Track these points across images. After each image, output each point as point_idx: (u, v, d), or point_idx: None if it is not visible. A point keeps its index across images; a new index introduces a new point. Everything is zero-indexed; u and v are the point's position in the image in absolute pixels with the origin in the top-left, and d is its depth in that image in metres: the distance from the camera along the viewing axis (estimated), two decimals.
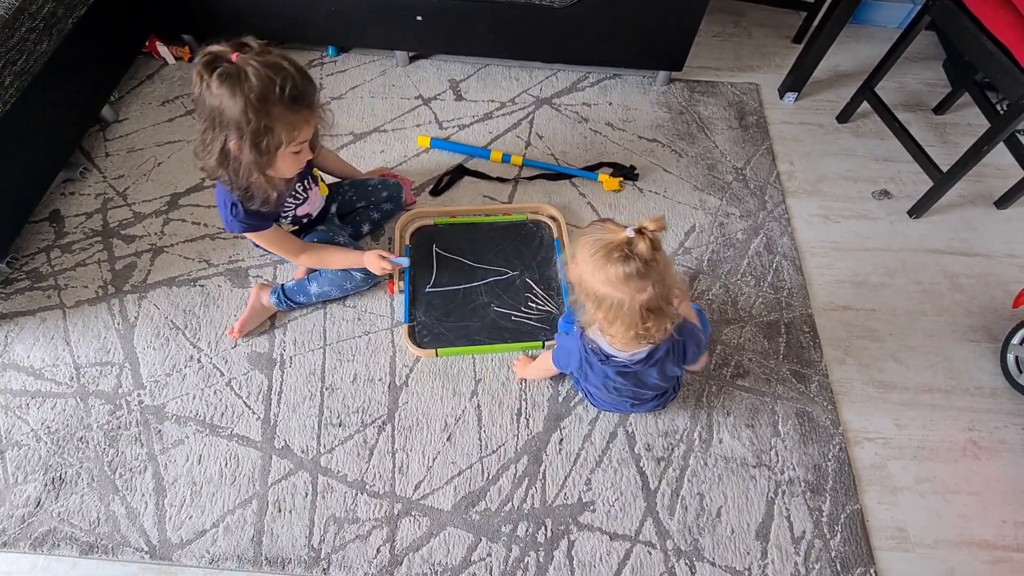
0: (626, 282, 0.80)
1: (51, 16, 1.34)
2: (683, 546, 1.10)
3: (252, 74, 0.87)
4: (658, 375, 1.01)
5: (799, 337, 1.35)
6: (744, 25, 2.05)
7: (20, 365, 1.24)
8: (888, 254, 1.52)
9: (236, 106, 0.88)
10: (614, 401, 1.14)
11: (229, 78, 0.87)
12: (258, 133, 0.91)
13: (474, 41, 1.71)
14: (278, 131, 0.93)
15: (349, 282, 1.29)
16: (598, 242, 0.81)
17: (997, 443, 1.25)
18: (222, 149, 0.94)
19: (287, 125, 0.93)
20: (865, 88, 1.68)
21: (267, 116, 0.90)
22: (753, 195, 1.59)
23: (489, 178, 1.58)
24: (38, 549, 1.06)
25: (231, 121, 0.90)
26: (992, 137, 1.34)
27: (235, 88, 0.87)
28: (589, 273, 0.82)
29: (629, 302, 0.82)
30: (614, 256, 0.79)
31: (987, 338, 1.39)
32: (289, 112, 0.92)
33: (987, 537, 1.15)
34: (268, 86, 0.88)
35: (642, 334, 0.86)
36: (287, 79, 0.89)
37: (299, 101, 0.92)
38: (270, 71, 0.88)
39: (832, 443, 1.22)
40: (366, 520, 1.10)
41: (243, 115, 0.89)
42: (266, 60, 0.89)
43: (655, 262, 0.79)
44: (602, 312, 0.85)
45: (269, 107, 0.89)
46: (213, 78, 0.88)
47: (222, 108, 0.89)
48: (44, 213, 1.45)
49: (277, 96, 0.89)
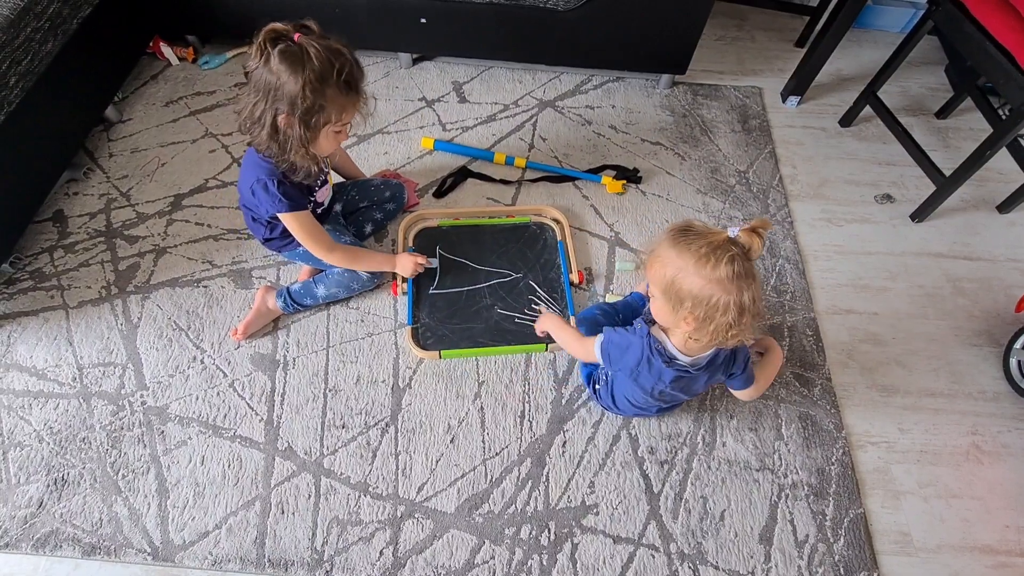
0: (735, 280, 0.78)
1: (56, 16, 1.34)
2: (687, 549, 1.10)
3: (314, 55, 0.92)
4: (705, 383, 1.01)
5: (802, 341, 1.36)
6: (747, 29, 2.06)
7: (23, 365, 1.24)
8: (891, 258, 1.52)
9: (295, 83, 0.93)
10: (642, 406, 1.11)
11: (291, 56, 0.92)
12: (311, 111, 0.96)
13: (478, 43, 1.71)
14: (328, 110, 0.98)
15: (356, 283, 1.30)
16: (698, 240, 0.80)
17: (1000, 447, 1.25)
18: (272, 122, 0.99)
19: (338, 106, 0.99)
20: (868, 92, 1.69)
21: (322, 96, 0.95)
22: (756, 198, 1.60)
23: (492, 180, 1.58)
24: (40, 550, 1.06)
25: (287, 96, 0.94)
26: (995, 142, 1.35)
27: (296, 66, 0.92)
28: (691, 272, 0.80)
29: (735, 301, 0.80)
30: (722, 254, 0.78)
31: (990, 342, 1.39)
32: (342, 94, 0.98)
33: (990, 542, 1.15)
34: (328, 67, 0.93)
35: (734, 334, 0.83)
36: (345, 64, 0.95)
37: (352, 85, 0.99)
38: (331, 54, 0.94)
39: (835, 447, 1.22)
40: (369, 522, 1.10)
41: (301, 92, 0.93)
42: (327, 44, 0.94)
43: (752, 264, 0.80)
44: (696, 312, 0.82)
45: (325, 87, 0.95)
46: (274, 54, 0.92)
47: (281, 83, 0.94)
48: (47, 213, 1.45)
49: (334, 79, 0.95)
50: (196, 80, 1.74)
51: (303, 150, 1.02)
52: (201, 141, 1.61)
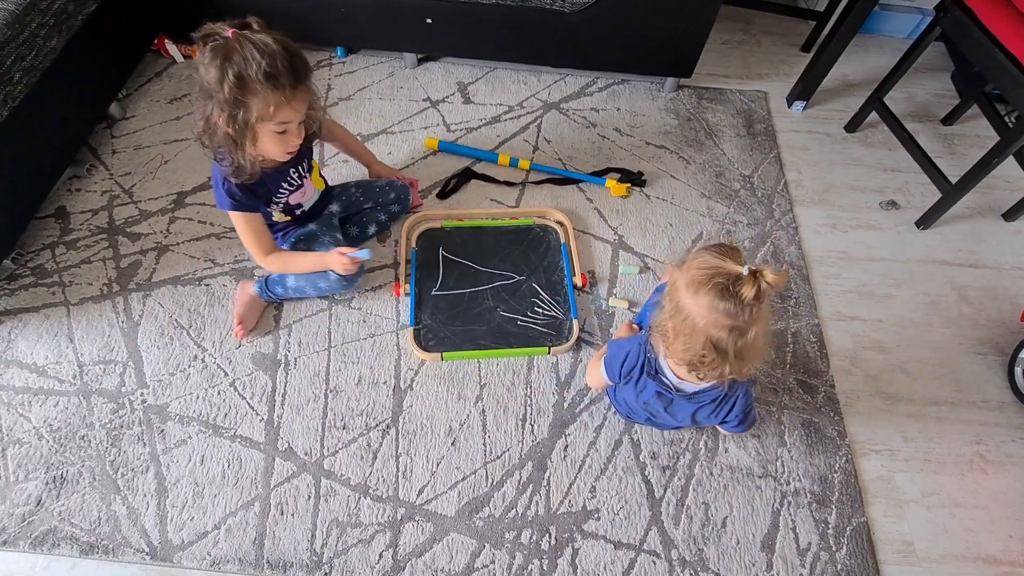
0: (710, 312, 0.78)
1: (61, 12, 1.33)
2: (688, 556, 1.09)
3: (238, 49, 0.90)
4: (690, 415, 1.00)
5: (806, 347, 1.35)
6: (753, 33, 2.05)
7: (23, 362, 1.23)
8: (895, 265, 1.51)
9: (215, 77, 0.91)
10: (634, 409, 1.12)
11: (215, 51, 0.90)
12: (233, 105, 0.93)
13: (483, 44, 1.70)
14: (252, 107, 0.94)
15: (323, 282, 1.25)
16: (709, 261, 0.80)
17: (1004, 457, 1.24)
18: (207, 119, 0.97)
19: (262, 102, 0.93)
20: (874, 98, 1.68)
21: (241, 90, 0.92)
22: (760, 203, 1.59)
23: (496, 182, 1.57)
24: (38, 548, 1.05)
25: (212, 91, 0.93)
26: (1002, 150, 1.34)
27: (219, 61, 0.90)
28: (684, 284, 0.82)
29: (701, 328, 0.80)
30: (715, 282, 0.77)
31: (994, 351, 1.38)
32: (267, 91, 0.92)
33: (994, 552, 1.14)
34: (250, 62, 0.90)
35: (696, 364, 0.85)
36: (266, 56, 0.90)
37: (276, 80, 0.92)
38: (254, 48, 0.90)
39: (838, 454, 1.22)
40: (369, 524, 1.09)
41: (219, 86, 0.91)
42: (253, 38, 0.90)
43: (749, 310, 0.77)
44: (673, 323, 0.85)
45: (245, 82, 0.91)
46: (207, 49, 0.91)
47: (207, 79, 0.92)
48: (50, 209, 1.45)
49: (253, 72, 0.90)
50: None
51: (240, 151, 0.99)
52: None
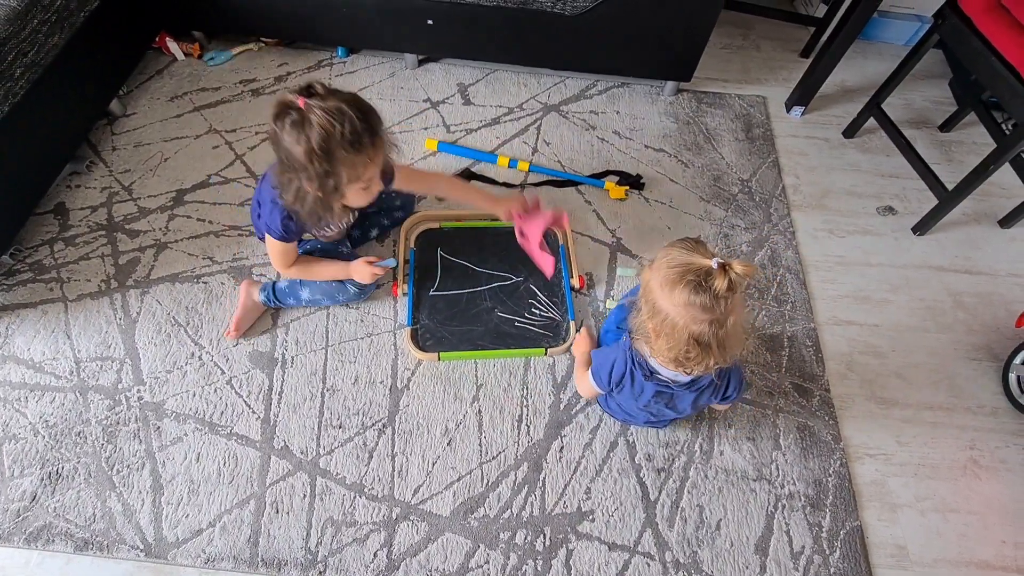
0: (686, 308, 0.79)
1: (63, 9, 1.34)
2: (682, 558, 1.10)
3: (315, 120, 0.90)
4: (692, 402, 1.01)
5: (802, 351, 1.35)
6: (753, 38, 2.06)
7: (20, 357, 1.23)
8: (892, 270, 1.52)
9: (302, 152, 0.92)
10: (630, 412, 1.13)
11: (295, 126, 0.91)
12: (323, 176, 0.95)
13: (484, 46, 1.71)
14: (341, 173, 0.96)
15: (342, 294, 1.29)
16: (678, 258, 0.81)
17: (998, 463, 1.25)
18: (297, 189, 0.99)
19: (349, 166, 0.96)
20: (872, 104, 1.69)
21: (329, 160, 0.93)
22: (758, 207, 1.60)
23: (495, 183, 1.58)
24: (32, 544, 1.05)
25: (300, 165, 0.94)
26: (999, 157, 1.35)
27: (300, 135, 0.91)
28: (657, 284, 0.83)
29: (682, 326, 0.81)
30: (687, 279, 0.78)
31: (989, 357, 1.39)
32: (350, 155, 0.94)
33: (987, 557, 1.14)
34: (330, 131, 0.90)
35: (681, 360, 0.86)
36: (346, 123, 0.91)
37: (358, 144, 0.94)
38: (331, 116, 0.90)
39: (833, 458, 1.22)
40: (364, 523, 1.10)
41: (308, 160, 0.92)
42: (327, 105, 0.90)
43: (724, 301, 0.78)
44: (653, 323, 0.86)
45: (331, 152, 0.92)
46: (284, 124, 0.91)
47: (292, 153, 0.93)
48: (49, 205, 1.45)
49: (340, 144, 0.92)
50: (201, 76, 1.74)
51: (329, 211, 1.03)
52: (205, 137, 1.61)
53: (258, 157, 1.58)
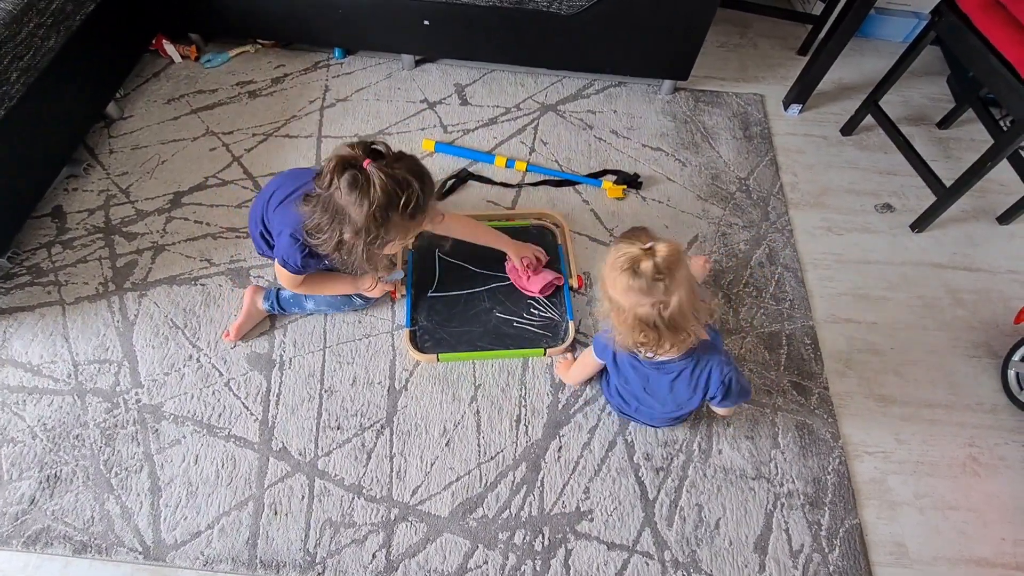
0: (626, 293, 0.85)
1: (59, 12, 1.34)
2: (681, 557, 1.10)
3: (379, 186, 0.91)
4: (668, 390, 1.01)
5: (800, 349, 1.35)
6: (750, 36, 2.06)
7: (18, 361, 1.23)
8: (890, 267, 1.52)
9: (360, 214, 0.92)
10: (624, 397, 1.14)
11: (357, 186, 0.91)
12: (375, 238, 0.97)
13: (480, 46, 1.71)
14: (393, 236, 0.99)
15: (347, 305, 1.30)
16: (621, 249, 0.86)
17: (997, 460, 1.25)
18: (341, 239, 0.98)
19: (402, 231, 0.99)
20: (869, 101, 1.69)
21: (386, 225, 0.95)
22: (756, 206, 1.59)
23: (493, 183, 1.58)
24: (31, 548, 1.05)
25: (352, 223, 0.95)
26: (996, 153, 1.35)
27: (362, 198, 0.91)
28: (606, 273, 0.89)
29: (628, 310, 0.87)
30: (624, 266, 0.84)
31: (988, 354, 1.38)
32: (406, 222, 0.97)
33: (986, 554, 1.14)
34: (392, 201, 0.92)
35: (638, 343, 0.91)
36: (411, 196, 0.93)
37: (416, 215, 0.96)
38: (396, 186, 0.91)
39: (832, 456, 1.22)
40: (362, 525, 1.09)
41: (364, 222, 0.93)
42: (394, 174, 0.91)
43: (660, 283, 0.82)
44: (613, 312, 0.91)
45: (390, 219, 0.94)
46: (343, 180, 0.91)
47: (347, 211, 0.94)
48: (46, 208, 1.45)
49: (399, 212, 0.93)
50: (198, 78, 1.74)
51: (372, 262, 1.04)
52: (202, 139, 1.61)
53: (255, 159, 1.58)
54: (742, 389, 1.01)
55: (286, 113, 1.68)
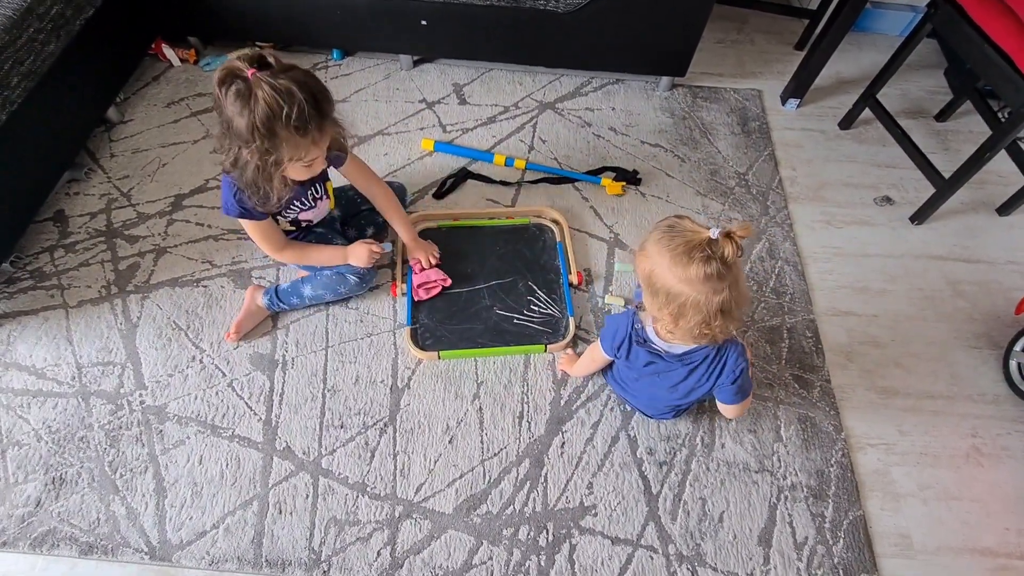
0: (705, 282, 0.79)
1: (59, 17, 1.35)
2: (685, 551, 1.10)
3: (261, 97, 0.89)
4: (682, 379, 1.00)
5: (801, 342, 1.35)
6: (747, 32, 2.06)
7: (22, 364, 1.24)
8: (890, 260, 1.52)
9: (244, 124, 0.91)
10: (632, 387, 1.14)
11: (240, 96, 0.90)
12: (264, 152, 0.95)
13: (478, 45, 1.72)
14: (282, 151, 0.96)
15: (343, 286, 1.29)
16: (677, 238, 0.80)
17: (1000, 450, 1.25)
18: (236, 157, 0.99)
19: (292, 147, 0.96)
20: (867, 95, 1.69)
21: (271, 138, 0.93)
22: (755, 200, 1.60)
23: (492, 181, 1.58)
24: (37, 549, 1.05)
25: (241, 136, 0.94)
26: (994, 144, 1.35)
27: (244, 107, 0.90)
28: (665, 268, 0.82)
29: (704, 301, 0.81)
30: (696, 255, 0.78)
31: (989, 345, 1.39)
32: (294, 136, 0.94)
33: (990, 544, 1.14)
34: (275, 111, 0.90)
35: (706, 333, 0.85)
36: (294, 106, 0.90)
37: (304, 128, 0.93)
38: (279, 96, 0.89)
39: (834, 448, 1.22)
40: (367, 522, 1.10)
41: (249, 134, 0.92)
42: (277, 84, 0.89)
43: (734, 265, 0.79)
44: (670, 308, 0.85)
45: (275, 130, 0.92)
46: (230, 92, 0.90)
47: (233, 122, 0.93)
48: (48, 213, 1.46)
49: (283, 122, 0.91)
50: (197, 81, 1.75)
51: (268, 183, 1.01)
52: (202, 142, 1.62)
53: None
54: (747, 385, 1.01)
55: None
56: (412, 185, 1.55)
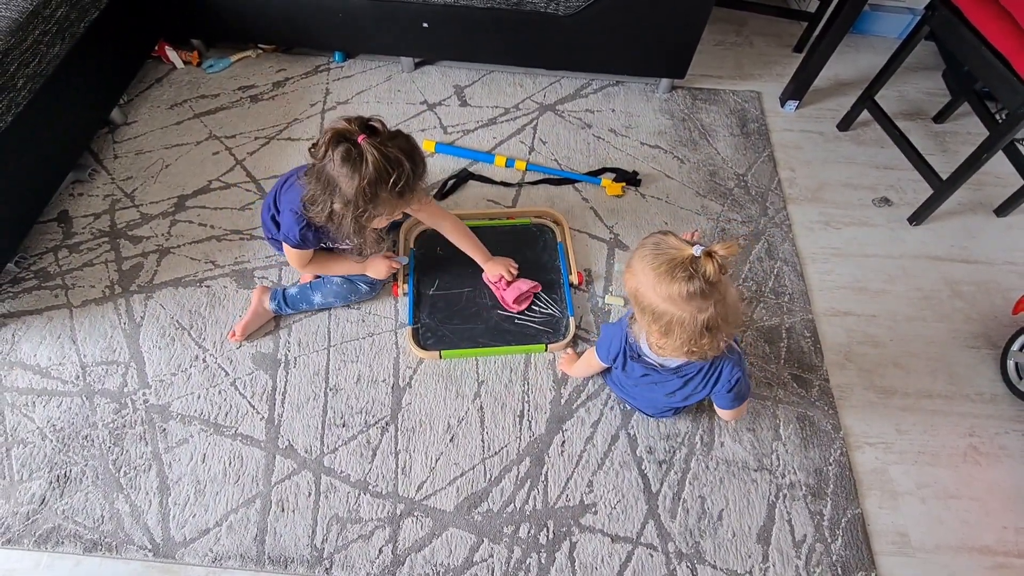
0: (689, 300, 0.78)
1: (64, 20, 1.36)
2: (684, 549, 1.10)
3: (371, 162, 0.93)
4: (679, 388, 1.01)
5: (800, 342, 1.36)
6: (746, 34, 2.08)
7: (27, 363, 1.25)
8: (888, 261, 1.53)
9: (350, 186, 0.95)
10: (631, 392, 1.15)
11: (351, 161, 0.93)
12: (363, 212, 0.99)
13: (479, 48, 1.73)
14: (381, 211, 1.01)
15: (354, 294, 1.31)
16: (660, 256, 0.79)
17: (997, 449, 1.26)
18: (331, 212, 1.02)
19: (390, 208, 1.01)
20: (865, 97, 1.70)
21: (374, 201, 0.97)
22: (754, 201, 1.61)
23: (493, 183, 1.59)
24: (42, 546, 1.06)
25: (343, 195, 0.98)
26: (991, 145, 1.36)
27: (354, 172, 0.93)
28: (649, 287, 0.81)
29: (689, 319, 0.80)
30: (678, 273, 0.77)
31: (987, 344, 1.39)
32: (395, 199, 0.99)
33: (988, 543, 1.15)
34: (383, 178, 0.94)
35: (695, 350, 0.85)
36: (401, 176, 0.95)
37: (405, 193, 0.98)
38: (388, 164, 0.93)
39: (833, 447, 1.23)
40: (369, 520, 1.11)
41: (354, 195, 0.96)
42: (386, 152, 0.93)
43: (719, 283, 0.78)
44: (658, 326, 0.85)
45: (379, 194, 0.96)
46: (337, 153, 0.93)
47: (339, 183, 0.97)
48: (53, 213, 1.47)
49: (388, 188, 0.95)
50: (200, 83, 1.76)
51: (361, 235, 1.06)
52: (205, 143, 1.63)
53: (257, 162, 1.60)
54: (745, 390, 1.02)
55: (287, 117, 1.70)
56: None
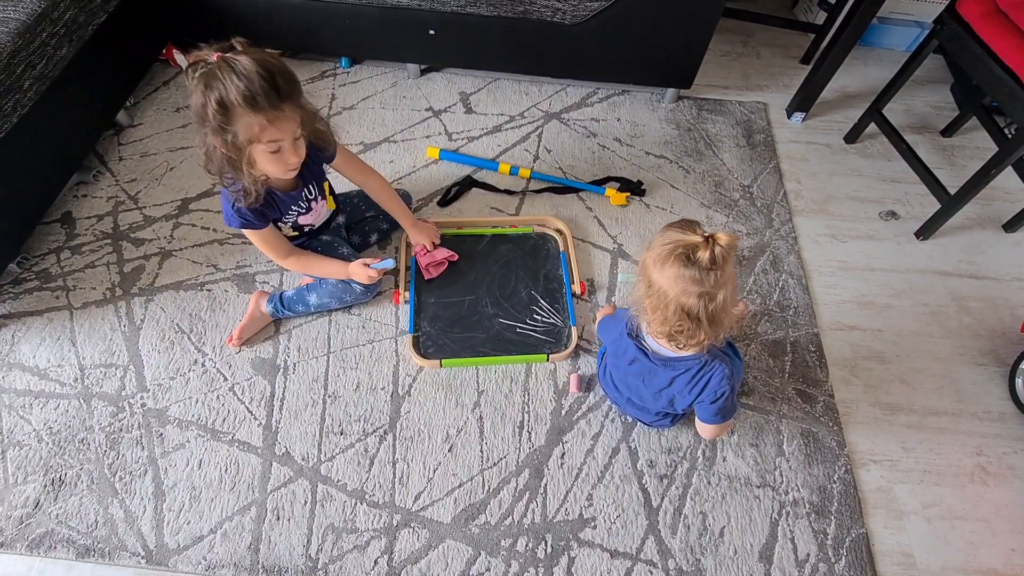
0: (676, 281, 0.83)
1: (72, 22, 1.36)
2: (685, 566, 1.09)
3: (220, 75, 0.90)
4: (667, 384, 1.01)
5: (805, 356, 1.35)
6: (753, 45, 2.07)
7: (25, 365, 1.24)
8: (895, 275, 1.51)
9: (200, 103, 0.92)
10: (617, 386, 1.15)
11: (200, 78, 0.91)
12: (222, 130, 0.94)
13: (485, 55, 1.73)
14: (239, 130, 0.94)
15: (349, 295, 1.29)
16: (672, 236, 0.84)
17: (1006, 469, 1.23)
18: (205, 146, 0.99)
19: (246, 124, 0.94)
20: (873, 110, 1.69)
21: (225, 115, 0.92)
22: (760, 213, 1.60)
23: (497, 190, 1.59)
24: (34, 551, 1.05)
25: (200, 117, 0.94)
26: (1000, 161, 1.35)
27: (201, 87, 0.91)
28: (652, 260, 0.87)
29: (672, 298, 0.85)
30: (678, 253, 0.82)
31: (995, 362, 1.37)
32: (246, 112, 0.92)
33: (995, 565, 1.12)
34: (226, 87, 0.90)
35: (674, 334, 0.90)
36: (244, 78, 0.90)
37: (255, 101, 0.91)
38: (233, 72, 0.90)
39: (837, 464, 1.21)
40: (365, 530, 1.09)
41: (204, 111, 0.92)
42: (234, 61, 0.90)
43: (712, 274, 0.82)
44: (649, 299, 0.90)
45: (226, 107, 0.91)
46: (194, 77, 0.92)
47: (194, 104, 0.94)
48: (56, 214, 1.47)
49: (232, 96, 0.90)
50: None
51: (240, 172, 1.00)
52: None
53: None
54: (729, 407, 1.00)
55: None
56: (417, 192, 1.56)
